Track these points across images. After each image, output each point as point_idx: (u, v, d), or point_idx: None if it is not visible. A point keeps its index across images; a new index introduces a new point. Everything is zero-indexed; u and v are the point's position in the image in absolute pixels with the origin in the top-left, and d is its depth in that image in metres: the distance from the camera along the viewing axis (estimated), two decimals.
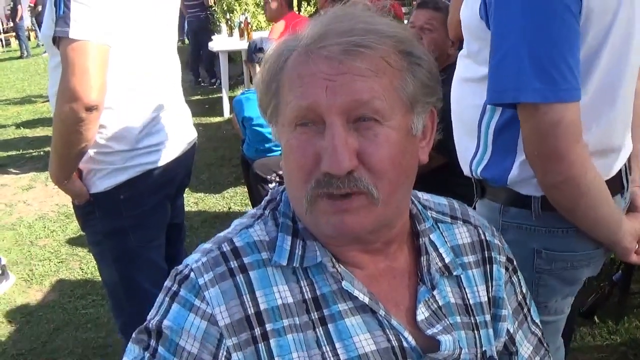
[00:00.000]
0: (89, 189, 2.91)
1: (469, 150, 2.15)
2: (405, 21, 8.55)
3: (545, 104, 1.73)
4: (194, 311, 1.24)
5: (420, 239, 1.42)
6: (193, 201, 7.17)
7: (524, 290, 1.62)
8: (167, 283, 1.31)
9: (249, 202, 6.53)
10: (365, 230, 1.25)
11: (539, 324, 1.65)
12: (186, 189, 7.07)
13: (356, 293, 1.28)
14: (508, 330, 1.52)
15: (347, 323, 1.28)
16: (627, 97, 1.99)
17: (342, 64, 1.17)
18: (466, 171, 2.22)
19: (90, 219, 3.01)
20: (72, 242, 6.32)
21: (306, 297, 1.29)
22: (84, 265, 5.77)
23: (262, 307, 1.25)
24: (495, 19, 1.81)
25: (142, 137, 2.97)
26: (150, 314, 1.30)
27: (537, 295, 2.07)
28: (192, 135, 3.35)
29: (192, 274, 1.28)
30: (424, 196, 1.57)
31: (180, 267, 1.31)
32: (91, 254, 5.49)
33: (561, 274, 2.08)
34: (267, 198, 1.44)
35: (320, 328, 1.27)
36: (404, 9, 9.69)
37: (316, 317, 1.28)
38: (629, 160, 2.15)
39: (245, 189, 6.92)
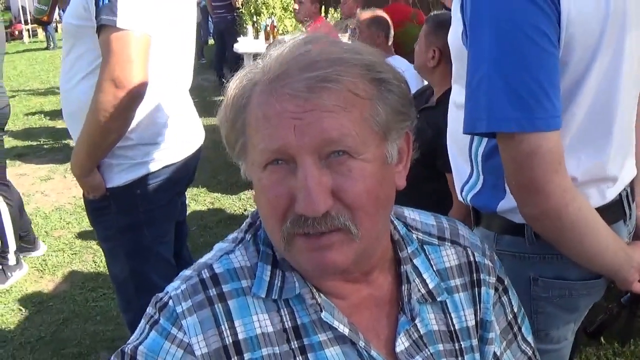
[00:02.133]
0: (106, 183, 2.92)
1: (462, 177, 2.10)
2: None
3: (520, 133, 1.65)
4: (170, 339, 1.22)
5: (402, 267, 1.39)
6: (209, 201, 7.19)
7: (516, 309, 1.59)
8: (149, 309, 1.30)
9: None
10: (346, 264, 1.21)
11: (531, 342, 1.62)
12: (203, 189, 7.16)
13: (336, 324, 1.26)
14: (495, 353, 1.50)
15: (326, 353, 1.26)
16: (624, 125, 1.90)
17: (308, 101, 1.12)
18: (459, 197, 2.17)
19: (104, 213, 3.02)
20: (87, 234, 6.34)
21: (286, 326, 1.26)
22: (97, 258, 5.80)
23: (240, 336, 1.23)
24: (470, 46, 1.74)
25: (163, 132, 2.99)
26: (130, 339, 1.29)
27: (537, 323, 2.01)
28: (202, 133, 3.38)
29: (170, 302, 1.26)
30: (411, 215, 1.53)
31: (160, 294, 1.30)
32: None
33: (559, 301, 2.01)
34: (248, 221, 1.40)
35: (300, 357, 1.25)
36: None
37: (296, 346, 1.26)
38: (632, 185, 2.06)
39: None
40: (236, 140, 1.23)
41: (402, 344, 1.33)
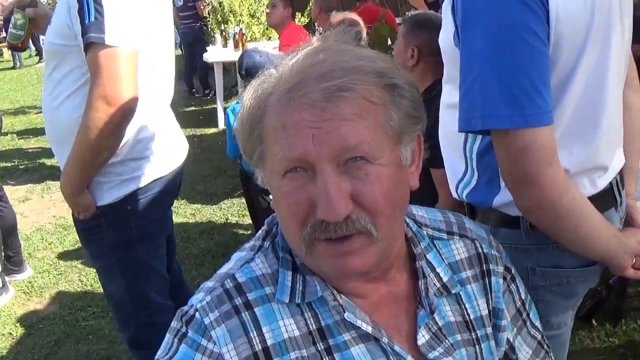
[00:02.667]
0: (96, 202, 2.91)
1: (457, 175, 2.16)
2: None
3: (514, 129, 1.72)
4: (201, 351, 1.24)
5: (417, 263, 1.43)
6: (190, 212, 7.20)
7: (523, 296, 1.64)
8: (174, 324, 1.31)
9: (246, 213, 6.55)
10: (368, 268, 1.25)
11: (539, 326, 1.68)
12: (183, 201, 7.16)
13: (359, 323, 1.30)
14: (508, 339, 1.55)
15: (352, 352, 1.30)
16: (611, 117, 1.97)
17: (325, 110, 1.15)
18: (454, 194, 2.22)
19: (96, 232, 3.01)
20: (71, 253, 6.34)
21: (311, 328, 1.30)
22: (83, 277, 5.79)
23: (269, 342, 1.26)
24: (462, 47, 1.80)
25: (150, 146, 3.00)
26: (157, 354, 1.31)
27: (537, 311, 2.00)
28: (186, 145, 3.39)
29: (197, 314, 1.28)
30: (419, 212, 1.57)
31: (185, 307, 1.32)
32: (91, 266, 5.56)
33: (558, 289, 2.07)
34: (264, 228, 1.43)
35: (327, 358, 1.28)
36: (398, 19, 9.74)
37: (322, 347, 1.29)
38: (621, 173, 2.13)
39: (242, 200, 6.95)
40: (254, 149, 1.26)
41: (422, 337, 1.37)
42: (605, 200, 2.02)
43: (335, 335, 1.30)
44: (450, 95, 2.08)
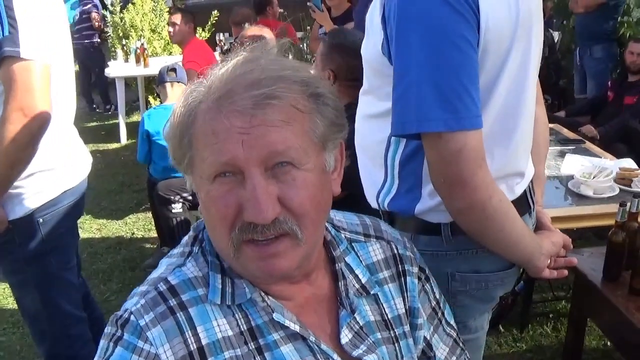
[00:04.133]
0: (7, 216, 2.90)
1: (376, 185, 2.18)
2: (302, 46, 8.82)
3: (447, 132, 1.76)
4: (137, 352, 1.24)
5: (337, 265, 1.48)
6: (96, 227, 7.16)
7: (437, 296, 1.70)
8: (108, 329, 1.31)
9: (152, 227, 6.60)
10: (291, 270, 1.31)
11: (454, 325, 1.74)
12: (88, 216, 7.12)
13: (287, 323, 1.34)
14: (425, 337, 1.61)
15: (282, 351, 1.33)
16: (526, 123, 2.05)
17: (254, 117, 1.19)
18: (374, 205, 2.24)
19: (8, 247, 2.99)
20: None
21: (242, 328, 1.32)
22: None
23: (203, 342, 1.28)
24: (397, 54, 1.83)
25: (59, 158, 3.02)
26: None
27: (455, 316, 2.02)
28: (90, 157, 3.42)
29: (132, 317, 1.28)
30: (336, 216, 1.62)
31: (119, 312, 1.32)
32: (0, 282, 5.50)
33: (476, 294, 2.14)
34: (191, 234, 1.46)
35: (258, 357, 1.31)
36: (299, 34, 9.91)
37: (253, 347, 1.31)
38: (531, 182, 2.23)
39: (148, 214, 7.02)
40: (183, 154, 1.29)
41: (345, 336, 1.43)
42: (521, 206, 2.10)
43: (265, 334, 1.33)
44: (370, 105, 2.15)
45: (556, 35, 10.55)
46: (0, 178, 2.77)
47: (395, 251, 1.63)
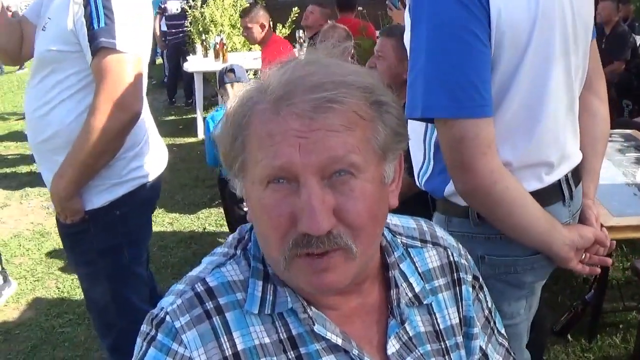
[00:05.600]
0: (84, 206, 2.92)
1: (418, 164, 2.30)
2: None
3: (451, 119, 1.89)
4: (172, 355, 1.23)
5: (390, 272, 1.42)
6: (168, 221, 7.20)
7: (490, 305, 1.66)
8: (144, 327, 1.30)
9: (224, 223, 6.59)
10: (344, 285, 1.23)
11: (504, 334, 1.70)
12: (161, 210, 7.17)
13: (329, 335, 1.29)
14: (481, 347, 1.56)
15: None
16: (553, 116, 2.07)
17: (314, 120, 1.13)
18: (418, 183, 2.35)
19: (83, 237, 3.01)
20: (48, 260, 6.34)
21: (282, 337, 1.28)
22: (60, 284, 5.79)
23: (239, 347, 1.25)
24: (411, 42, 1.97)
25: (140, 151, 3.04)
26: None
27: None
28: (166, 151, 3.43)
29: (167, 317, 1.26)
30: (392, 220, 1.56)
31: (155, 310, 1.30)
32: (68, 273, 5.58)
33: (506, 278, 2.18)
34: (235, 236, 1.42)
35: None
36: (378, 33, 9.81)
37: (293, 356, 1.27)
38: (577, 172, 2.26)
39: (220, 210, 7.01)
40: (235, 157, 1.24)
41: (392, 346, 1.37)
42: (550, 194, 2.14)
43: (307, 344, 1.29)
44: None
45: (639, 39, 10.25)
46: (84, 168, 2.80)
47: (452, 258, 1.57)
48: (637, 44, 10.08)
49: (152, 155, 3.16)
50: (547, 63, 2.00)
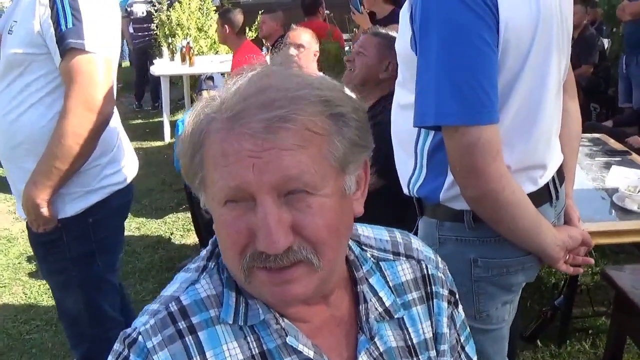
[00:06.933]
0: (57, 215, 2.88)
1: (408, 171, 2.32)
2: (347, 47, 8.80)
3: (463, 126, 1.90)
4: None
5: (358, 287, 1.41)
6: (135, 226, 7.17)
7: (458, 327, 1.62)
8: (117, 346, 1.29)
9: (191, 227, 6.58)
10: (307, 295, 1.23)
11: None
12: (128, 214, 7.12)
13: (300, 347, 1.28)
14: None
15: None
16: (548, 117, 2.16)
17: (266, 140, 1.12)
18: (406, 191, 2.37)
19: (55, 245, 2.97)
20: (15, 266, 6.30)
21: (254, 352, 1.27)
22: (27, 290, 5.76)
23: None
24: (420, 50, 1.97)
25: (113, 157, 3.01)
26: None
27: (478, 304, 2.26)
28: (135, 157, 3.39)
29: (140, 338, 1.25)
30: (364, 232, 1.54)
31: (128, 330, 1.29)
32: (35, 279, 5.57)
33: (498, 280, 2.23)
34: (209, 248, 1.40)
35: None
36: (345, 36, 9.87)
37: None
38: (560, 172, 2.34)
39: (187, 215, 7.01)
40: (195, 174, 1.23)
41: None
42: (542, 196, 2.23)
43: (276, 359, 1.28)
44: (402, 96, 2.29)
45: (606, 42, 10.39)
46: (58, 173, 2.74)
47: (426, 271, 1.55)
48: (605, 48, 10.22)
49: (124, 161, 3.14)
50: (545, 67, 2.07)
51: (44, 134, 2.74)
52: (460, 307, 1.64)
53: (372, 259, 1.49)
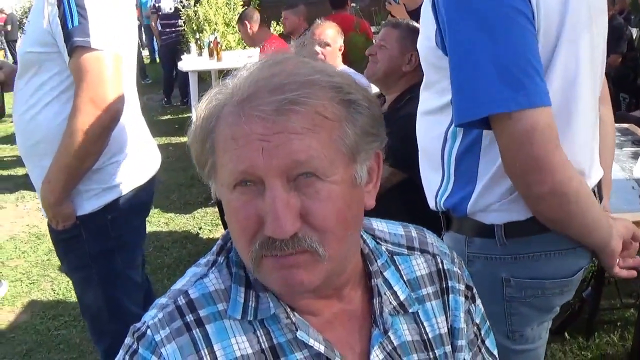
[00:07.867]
0: (75, 212, 2.88)
1: (435, 184, 2.13)
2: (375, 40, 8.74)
3: (517, 111, 1.68)
4: None
5: (372, 281, 1.39)
6: (164, 221, 7.20)
7: (478, 321, 1.59)
8: (127, 340, 1.29)
9: (219, 222, 6.60)
10: (314, 284, 1.20)
11: (496, 355, 1.65)
12: (156, 210, 7.16)
13: (311, 342, 1.26)
14: None
15: None
16: (587, 125, 1.96)
17: (276, 123, 1.10)
18: (432, 205, 2.18)
19: (75, 242, 2.97)
20: (44, 263, 6.34)
21: (263, 346, 1.26)
22: (55, 287, 5.79)
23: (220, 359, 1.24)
24: (452, 41, 1.78)
25: (130, 154, 3.00)
26: None
27: (511, 324, 2.08)
28: (159, 153, 3.39)
29: (148, 331, 1.25)
30: (379, 227, 1.52)
31: (138, 324, 1.29)
32: (64, 275, 5.58)
33: (532, 301, 2.05)
34: (219, 243, 1.39)
35: None
36: (373, 29, 9.81)
37: None
38: (600, 187, 2.13)
39: (216, 209, 7.01)
40: (206, 160, 1.22)
41: (376, 356, 1.34)
42: None
43: (287, 354, 1.26)
44: (428, 102, 2.11)
45: (634, 31, 10.24)
46: (70, 171, 2.75)
47: (441, 266, 1.52)
48: (633, 37, 10.08)
49: (143, 158, 3.12)
50: (577, 67, 1.86)
51: (59, 132, 2.73)
52: (478, 300, 1.60)
53: (386, 252, 1.47)
